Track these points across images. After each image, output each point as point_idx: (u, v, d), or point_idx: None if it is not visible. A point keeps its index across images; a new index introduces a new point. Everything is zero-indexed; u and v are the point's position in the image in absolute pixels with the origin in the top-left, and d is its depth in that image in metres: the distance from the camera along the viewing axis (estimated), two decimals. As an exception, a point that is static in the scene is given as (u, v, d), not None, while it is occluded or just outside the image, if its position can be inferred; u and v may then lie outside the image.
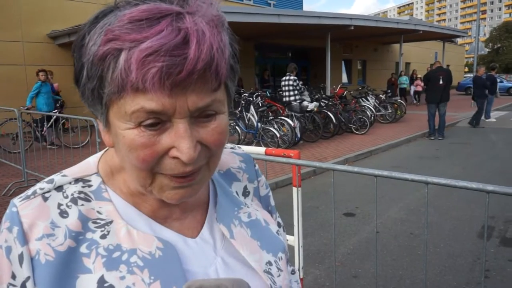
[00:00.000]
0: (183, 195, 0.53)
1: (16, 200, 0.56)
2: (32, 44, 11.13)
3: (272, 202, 0.79)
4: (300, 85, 9.01)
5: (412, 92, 19.97)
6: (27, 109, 7.90)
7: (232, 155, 0.76)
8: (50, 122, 8.03)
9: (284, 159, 2.45)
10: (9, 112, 5.91)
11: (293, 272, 0.81)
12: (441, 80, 9.56)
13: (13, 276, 0.52)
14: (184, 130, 0.48)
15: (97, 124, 3.63)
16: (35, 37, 11.20)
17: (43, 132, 7.90)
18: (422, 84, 18.00)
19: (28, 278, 0.51)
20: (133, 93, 0.46)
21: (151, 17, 0.45)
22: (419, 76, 19.46)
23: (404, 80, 19.77)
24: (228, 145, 0.77)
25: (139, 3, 0.47)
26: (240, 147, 0.80)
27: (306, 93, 9.65)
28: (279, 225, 0.77)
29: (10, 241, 0.52)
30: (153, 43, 0.44)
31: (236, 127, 8.64)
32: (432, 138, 10.16)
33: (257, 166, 0.78)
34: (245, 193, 0.73)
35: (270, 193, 0.79)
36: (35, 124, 7.90)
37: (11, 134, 7.73)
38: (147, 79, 0.44)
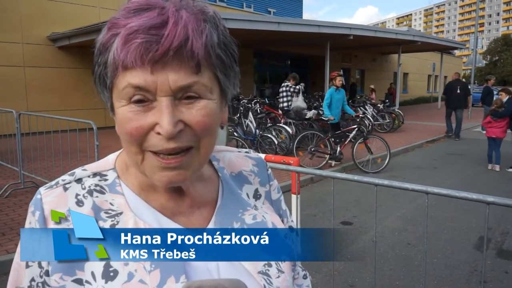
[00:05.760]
0: (171, 178, 0.56)
1: (41, 189, 0.63)
2: (32, 46, 11.12)
3: (284, 206, 0.80)
4: (295, 89, 9.04)
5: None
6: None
7: (245, 159, 0.78)
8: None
9: (283, 166, 2.45)
10: (8, 113, 5.89)
11: (305, 277, 0.82)
12: (458, 89, 11.45)
13: None
14: (165, 107, 0.52)
15: (96, 128, 3.60)
16: (35, 39, 11.19)
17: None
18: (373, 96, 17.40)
19: None
20: (123, 72, 0.53)
21: (141, 7, 0.53)
22: (371, 86, 16.99)
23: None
24: (243, 150, 0.80)
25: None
26: (254, 152, 0.81)
27: (300, 97, 9.46)
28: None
29: (33, 223, 0.60)
30: (135, 23, 0.51)
31: (234, 133, 8.65)
32: (450, 134, 11.96)
33: (269, 171, 0.80)
34: (256, 196, 0.74)
35: (282, 197, 0.81)
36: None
37: None
38: (129, 54, 0.51)
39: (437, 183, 6.67)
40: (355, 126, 8.14)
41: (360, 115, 9.06)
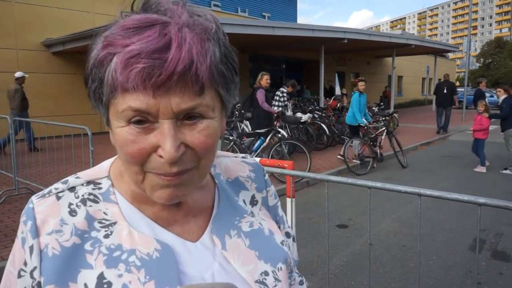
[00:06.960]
0: (171, 195, 0.55)
1: (34, 198, 0.61)
2: (26, 52, 11.09)
3: (281, 213, 0.80)
4: (284, 102, 9.06)
5: None
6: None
7: (242, 164, 0.77)
8: None
9: (278, 170, 2.46)
10: (2, 119, 5.87)
11: (301, 283, 0.81)
12: (445, 89, 12.76)
13: (25, 263, 0.58)
14: (167, 130, 0.51)
15: (91, 133, 3.58)
16: (29, 45, 11.16)
17: None
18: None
19: (35, 268, 0.57)
20: (123, 93, 0.51)
21: (141, 25, 0.50)
22: (344, 91, 17.18)
23: (307, 95, 17.88)
24: (239, 155, 0.79)
25: (136, 14, 0.52)
26: (251, 157, 0.81)
27: (289, 113, 9.44)
28: (287, 235, 0.78)
29: (25, 233, 0.59)
30: (136, 46, 0.48)
31: (230, 137, 8.65)
32: (440, 133, 13.00)
33: (266, 176, 0.79)
34: (253, 202, 0.74)
35: (279, 204, 0.80)
36: None
37: None
38: (130, 79, 0.49)
39: (432, 185, 6.71)
40: (384, 128, 8.75)
41: (382, 118, 9.40)
